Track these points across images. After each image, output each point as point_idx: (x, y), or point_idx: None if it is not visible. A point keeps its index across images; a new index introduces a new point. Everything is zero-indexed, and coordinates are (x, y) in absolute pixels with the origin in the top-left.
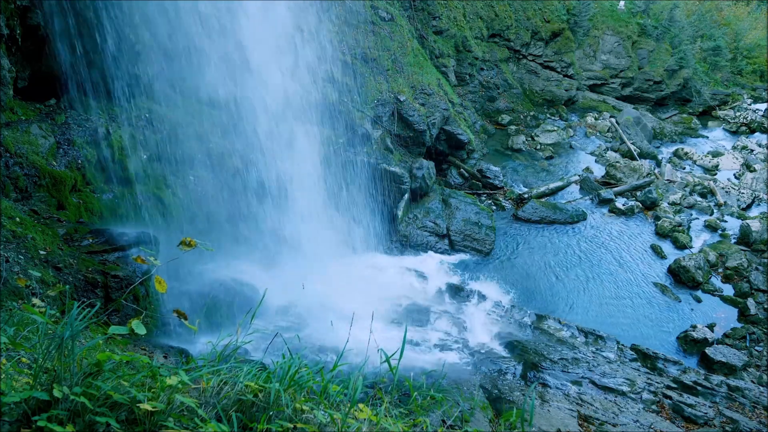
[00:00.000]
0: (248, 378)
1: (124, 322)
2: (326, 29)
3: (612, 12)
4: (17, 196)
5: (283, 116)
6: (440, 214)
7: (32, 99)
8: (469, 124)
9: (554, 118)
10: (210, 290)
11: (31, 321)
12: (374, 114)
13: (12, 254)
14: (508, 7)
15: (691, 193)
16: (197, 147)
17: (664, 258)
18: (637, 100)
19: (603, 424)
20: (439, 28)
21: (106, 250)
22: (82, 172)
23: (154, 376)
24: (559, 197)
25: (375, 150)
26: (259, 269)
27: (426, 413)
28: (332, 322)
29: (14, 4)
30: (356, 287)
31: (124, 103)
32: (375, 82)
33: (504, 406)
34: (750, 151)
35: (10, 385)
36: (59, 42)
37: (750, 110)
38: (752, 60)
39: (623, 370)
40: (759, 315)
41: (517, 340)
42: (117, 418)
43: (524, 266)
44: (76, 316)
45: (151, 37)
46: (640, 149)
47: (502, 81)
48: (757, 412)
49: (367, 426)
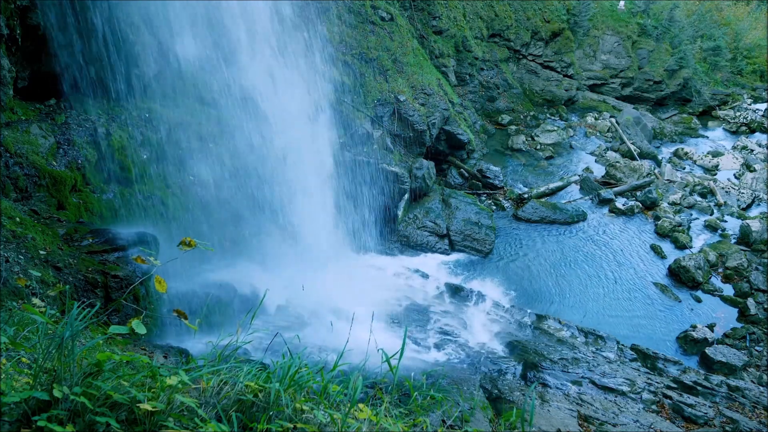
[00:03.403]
0: (248, 378)
1: (124, 322)
2: (326, 29)
3: (612, 12)
4: (17, 196)
5: (283, 116)
6: (440, 214)
7: (32, 99)
8: (469, 124)
9: (554, 118)
10: (210, 290)
11: (31, 321)
12: (374, 114)
13: (12, 254)
14: (508, 7)
15: (691, 193)
16: (197, 147)
17: (664, 258)
18: (637, 100)
19: (603, 424)
20: (439, 28)
21: (106, 250)
22: (82, 172)
23: (154, 376)
24: (559, 197)
25: (375, 150)
26: (259, 269)
27: (426, 413)
28: (332, 323)
29: (14, 4)
30: (356, 287)
31: (124, 103)
32: (375, 82)
33: (504, 406)
34: (750, 151)
35: (10, 385)
36: (59, 42)
37: (750, 110)
38: (752, 60)
39: (623, 370)
40: (759, 315)
41: (517, 340)
42: (117, 418)
43: (524, 266)
44: (76, 316)
45: (151, 36)
46: (640, 149)
47: (502, 81)
48: (757, 412)
49: (367, 426)
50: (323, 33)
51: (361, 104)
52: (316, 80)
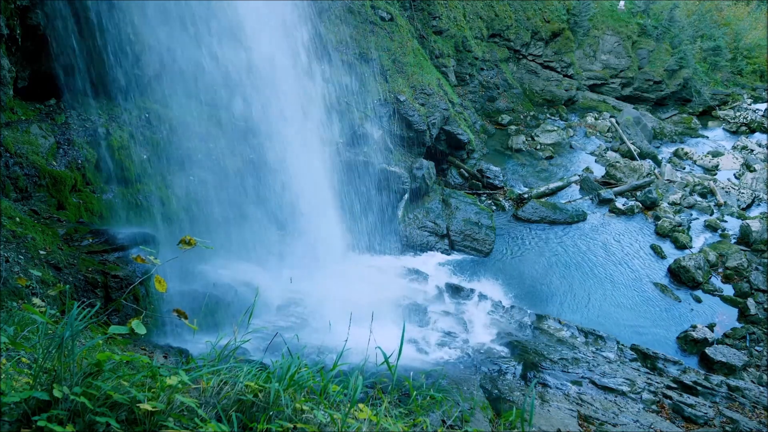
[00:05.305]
0: (248, 378)
1: (124, 322)
2: (326, 29)
3: (612, 12)
4: (17, 196)
5: (284, 116)
6: (440, 214)
7: (32, 99)
8: (469, 124)
9: (554, 118)
10: (210, 290)
11: (31, 321)
12: (374, 114)
13: (12, 254)
14: (508, 7)
15: (691, 193)
16: (197, 147)
17: (664, 258)
18: (637, 100)
19: (603, 424)
20: (439, 28)
21: (106, 250)
22: (82, 172)
23: (154, 376)
24: (559, 197)
25: (375, 150)
26: (259, 269)
27: (426, 413)
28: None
29: (14, 4)
30: (356, 287)
31: (124, 103)
32: (375, 82)
33: (504, 406)
34: (750, 151)
35: (10, 385)
36: (59, 42)
37: (750, 110)
38: (752, 60)
39: (623, 370)
40: (759, 315)
41: (517, 340)
42: (117, 418)
43: (524, 266)
44: (76, 316)
45: (151, 36)
46: (640, 149)
47: (502, 81)
48: (757, 412)
49: (367, 426)
50: (323, 33)
51: (361, 104)
52: (317, 80)
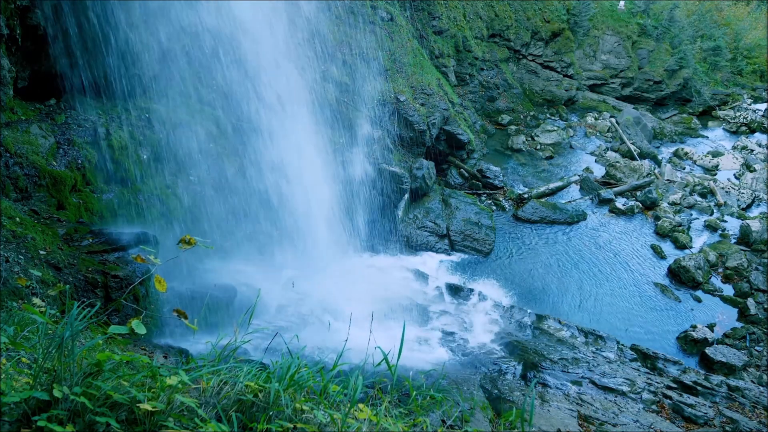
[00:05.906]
0: (248, 378)
1: (124, 322)
2: (326, 29)
3: (612, 12)
4: (17, 196)
5: (284, 116)
6: (440, 214)
7: (32, 99)
8: (469, 124)
9: (554, 118)
10: (210, 290)
11: (31, 321)
12: (374, 114)
13: (12, 254)
14: (508, 7)
15: (691, 193)
16: (197, 147)
17: (664, 258)
18: (637, 100)
19: (603, 424)
20: (439, 28)
21: (106, 250)
22: (82, 172)
23: (154, 376)
24: (559, 197)
25: (375, 150)
26: (259, 269)
27: (426, 413)
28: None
29: (14, 4)
30: (356, 287)
31: (124, 103)
32: (375, 82)
33: (504, 406)
34: (750, 151)
35: (10, 385)
36: (59, 42)
37: (750, 110)
38: (752, 60)
39: (623, 370)
40: (759, 315)
41: (517, 340)
42: (117, 418)
43: (524, 266)
44: (76, 316)
45: (151, 36)
46: (640, 149)
47: (502, 81)
48: (757, 412)
49: (367, 426)
50: (323, 33)
51: (361, 104)
52: (316, 80)
